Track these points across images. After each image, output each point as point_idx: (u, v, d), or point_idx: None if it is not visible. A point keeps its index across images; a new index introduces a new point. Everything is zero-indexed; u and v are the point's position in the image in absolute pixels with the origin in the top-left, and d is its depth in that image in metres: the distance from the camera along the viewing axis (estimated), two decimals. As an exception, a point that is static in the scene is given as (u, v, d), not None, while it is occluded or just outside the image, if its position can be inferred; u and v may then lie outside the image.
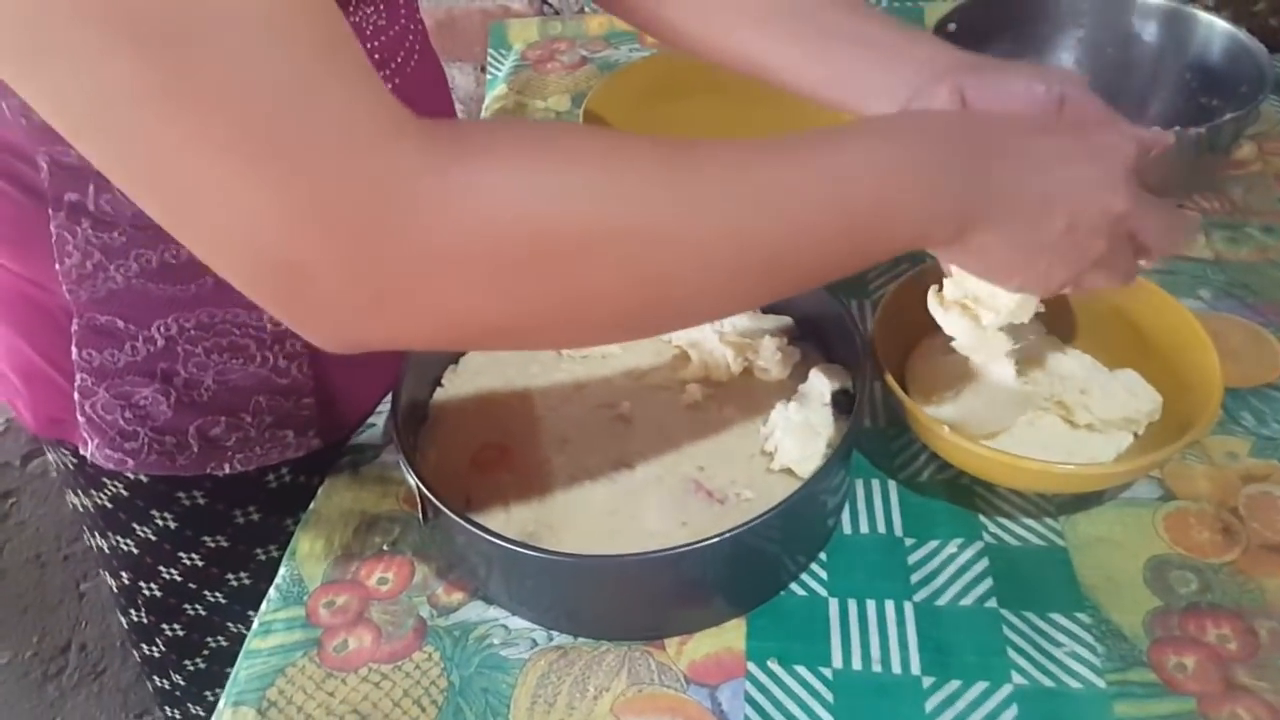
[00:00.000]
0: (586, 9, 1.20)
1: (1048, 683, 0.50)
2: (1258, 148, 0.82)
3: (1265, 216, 0.76)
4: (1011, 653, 0.51)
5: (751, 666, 0.52)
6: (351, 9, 0.55)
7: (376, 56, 0.57)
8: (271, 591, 0.59)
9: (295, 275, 0.35)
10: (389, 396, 0.67)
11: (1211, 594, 0.53)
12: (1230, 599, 0.53)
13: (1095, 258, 0.48)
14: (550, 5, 1.26)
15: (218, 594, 0.71)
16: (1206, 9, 0.76)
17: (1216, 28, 0.74)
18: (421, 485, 0.53)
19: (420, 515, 0.56)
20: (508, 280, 0.38)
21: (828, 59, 0.58)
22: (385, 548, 0.60)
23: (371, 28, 0.57)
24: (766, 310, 0.66)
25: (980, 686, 0.50)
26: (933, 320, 0.64)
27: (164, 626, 0.73)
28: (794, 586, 0.55)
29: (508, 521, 0.56)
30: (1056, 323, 0.62)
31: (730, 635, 0.54)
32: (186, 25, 0.32)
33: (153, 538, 0.67)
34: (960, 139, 0.46)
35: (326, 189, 0.34)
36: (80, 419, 0.62)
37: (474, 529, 0.51)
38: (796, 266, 0.45)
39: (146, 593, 0.71)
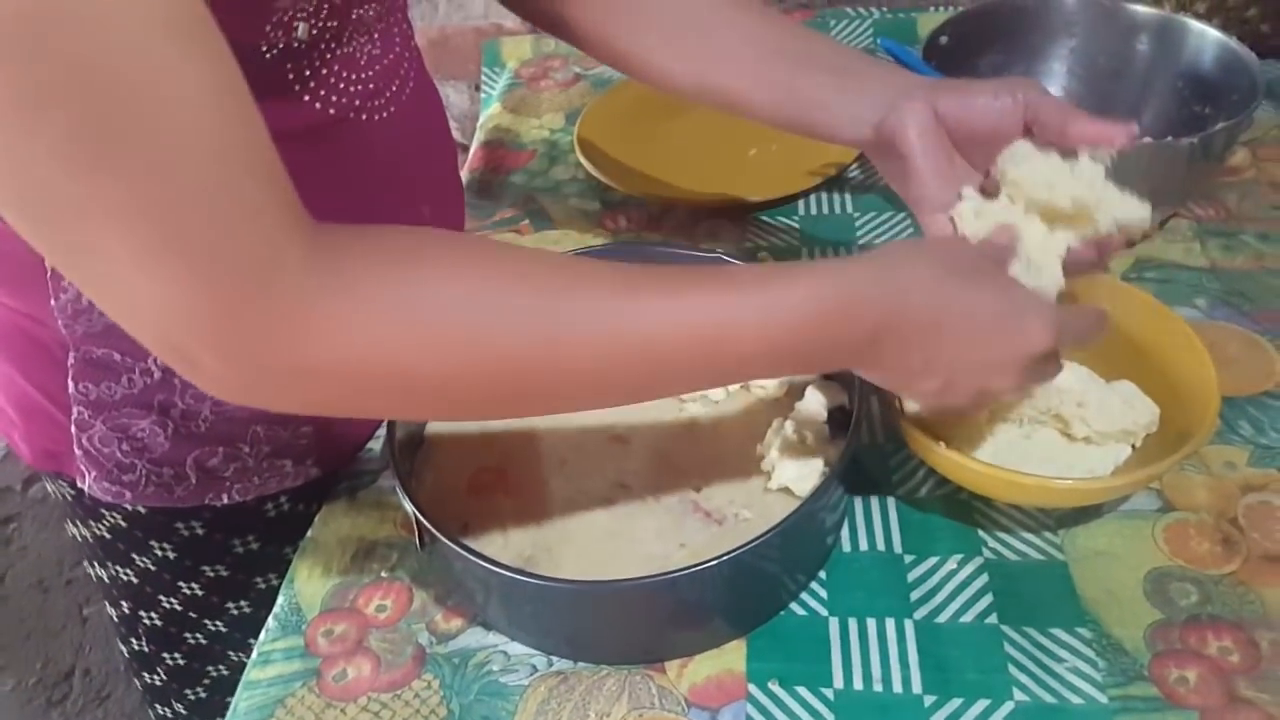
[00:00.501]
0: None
1: (1049, 699, 0.50)
2: (1251, 154, 0.82)
3: (1260, 224, 0.76)
4: (1013, 669, 0.51)
5: (752, 688, 0.52)
6: (345, 39, 0.55)
7: (371, 85, 0.57)
8: (270, 621, 0.59)
9: (185, 360, 0.39)
10: (385, 422, 0.68)
11: (1212, 606, 0.53)
12: (1231, 610, 0.53)
13: (960, 403, 0.50)
14: (542, 23, 1.26)
15: (218, 623, 0.71)
16: (1197, 17, 0.76)
17: (1208, 36, 0.74)
18: (417, 511, 0.53)
19: (417, 542, 0.56)
20: (373, 397, 0.44)
21: (794, 89, 0.59)
22: (383, 574, 0.60)
23: (366, 57, 0.57)
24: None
25: (982, 704, 0.50)
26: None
27: (165, 655, 0.73)
28: (794, 606, 0.55)
29: (505, 545, 0.56)
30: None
31: (731, 657, 0.53)
32: (117, 108, 0.33)
33: (152, 568, 0.67)
34: (864, 323, 0.46)
35: (220, 298, 0.37)
36: (78, 452, 0.62)
37: (470, 556, 0.51)
38: (657, 391, 0.49)
39: (147, 622, 0.71)
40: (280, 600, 0.59)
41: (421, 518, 0.52)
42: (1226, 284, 0.71)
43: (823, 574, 0.57)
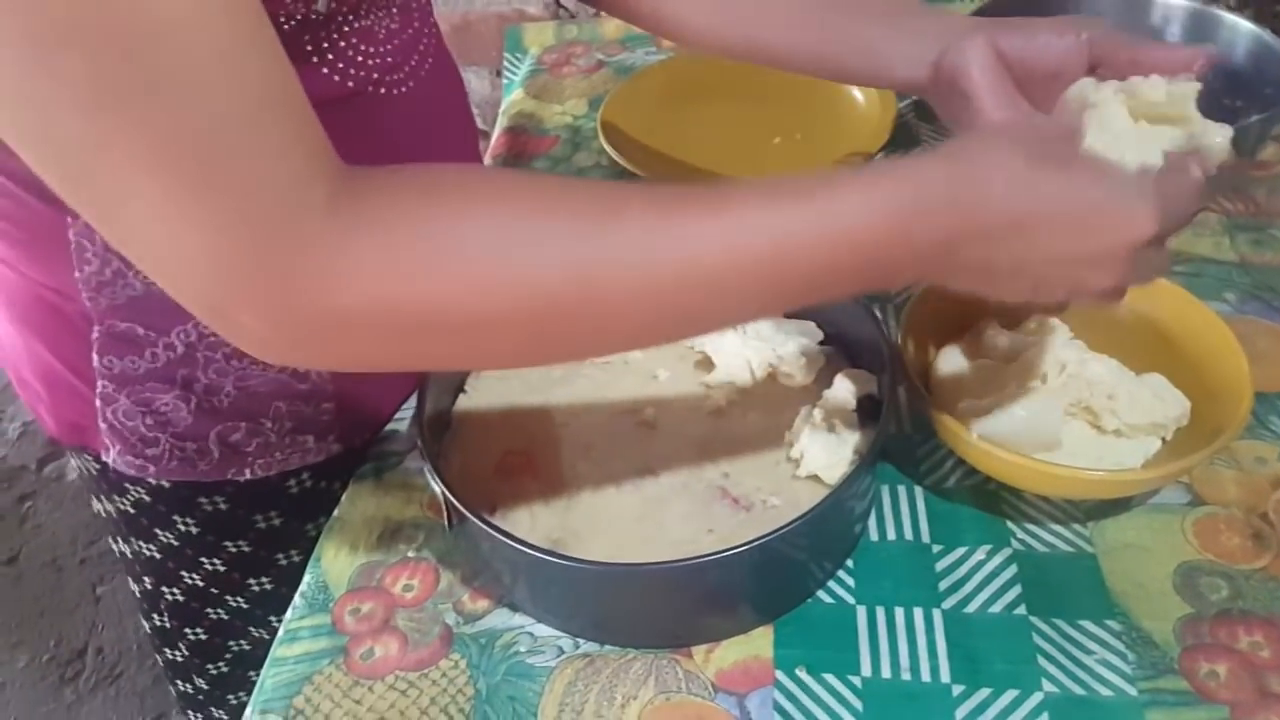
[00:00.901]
0: (602, 12, 1.19)
1: (1079, 691, 0.50)
2: (1281, 149, 0.81)
3: (1290, 218, 0.75)
4: (1042, 660, 0.51)
5: (780, 674, 0.52)
6: (363, 12, 0.55)
7: (390, 60, 0.57)
8: (296, 599, 0.59)
9: (223, 318, 0.39)
10: (409, 402, 0.68)
11: (1243, 600, 0.53)
12: (1262, 605, 0.52)
13: (1057, 299, 0.47)
14: (566, 9, 1.26)
15: (240, 599, 0.71)
16: (1229, 9, 0.76)
17: (1241, 29, 0.73)
18: (447, 491, 0.53)
19: (446, 522, 0.56)
20: (410, 342, 0.41)
21: (847, 34, 0.57)
22: (410, 554, 0.60)
23: (384, 31, 0.57)
24: (791, 315, 0.66)
25: (1011, 695, 0.50)
26: (958, 324, 0.63)
27: (186, 631, 0.73)
28: (821, 594, 0.55)
29: (533, 529, 0.56)
30: (1083, 328, 0.62)
31: (758, 643, 0.53)
32: (141, 46, 0.33)
33: (175, 543, 0.68)
34: (937, 227, 0.41)
35: (248, 242, 0.36)
36: (102, 425, 0.62)
37: (500, 536, 0.51)
38: (717, 323, 0.46)
39: (169, 597, 0.71)
40: (307, 578, 0.59)
41: (451, 497, 0.52)
42: (1256, 279, 0.70)
43: (850, 562, 0.57)
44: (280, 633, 0.57)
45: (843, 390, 0.59)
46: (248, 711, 0.54)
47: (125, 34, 0.33)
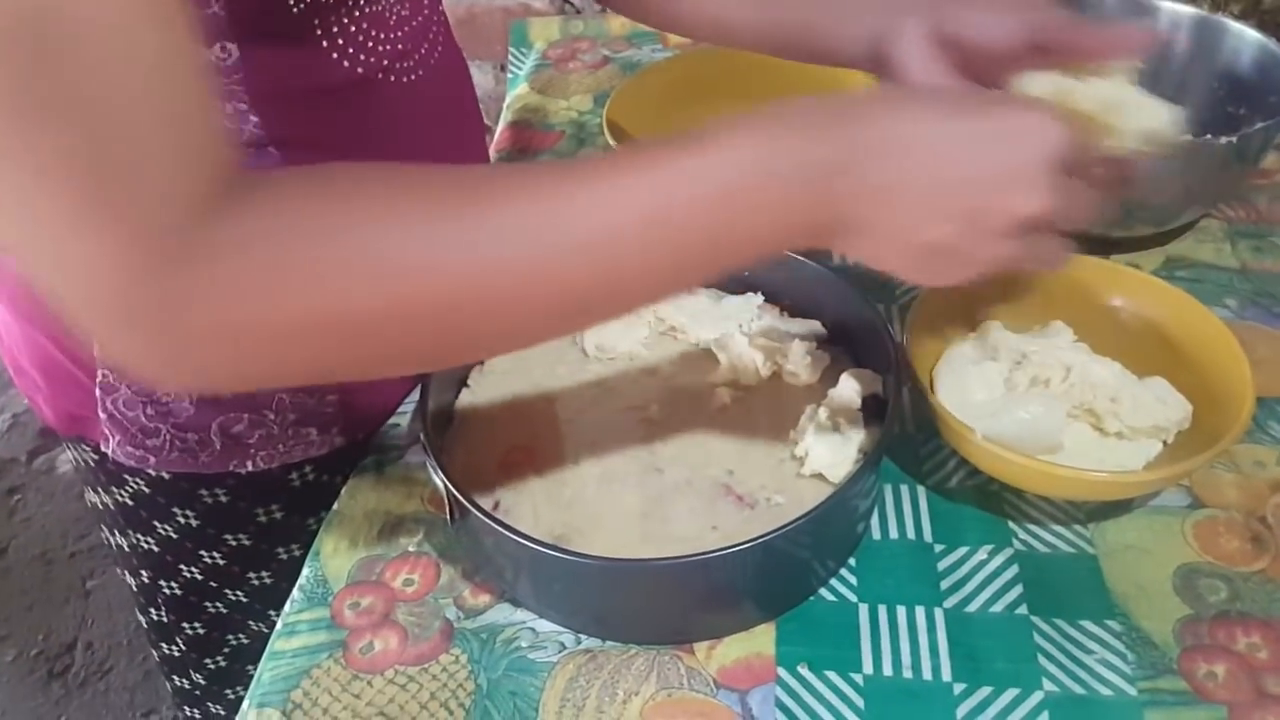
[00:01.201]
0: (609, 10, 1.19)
1: (1079, 690, 0.50)
2: (1281, 157, 0.82)
3: (1290, 226, 0.76)
4: (1042, 659, 0.51)
5: (782, 672, 0.52)
6: None
7: (400, 47, 0.57)
8: (295, 592, 0.58)
9: (103, 333, 0.38)
10: (411, 397, 0.67)
11: (1241, 602, 0.53)
12: (1260, 608, 0.53)
13: (1000, 258, 0.42)
14: (572, 4, 1.26)
15: (239, 592, 0.70)
16: (1233, 17, 0.76)
17: (1246, 37, 0.74)
18: (449, 485, 0.53)
19: (448, 516, 0.56)
20: (297, 355, 0.39)
21: (788, 11, 0.58)
22: (410, 548, 0.60)
23: (395, 18, 0.57)
24: (796, 313, 0.66)
25: (1011, 693, 0.50)
26: (963, 324, 0.64)
27: (184, 625, 0.73)
28: (823, 592, 0.55)
29: (536, 524, 0.55)
30: (1086, 330, 0.62)
31: (760, 640, 0.53)
32: (42, 40, 0.32)
33: (174, 535, 0.67)
34: (824, 138, 0.39)
35: (126, 257, 0.35)
36: (101, 415, 0.62)
37: (503, 530, 0.50)
38: (620, 303, 0.43)
39: (167, 591, 0.71)
40: (306, 572, 0.59)
41: (454, 491, 0.52)
42: (1257, 285, 0.71)
43: (853, 561, 0.57)
44: (278, 626, 0.57)
45: (848, 389, 0.59)
46: (245, 705, 0.54)
47: (8, 41, 0.32)
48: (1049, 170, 0.40)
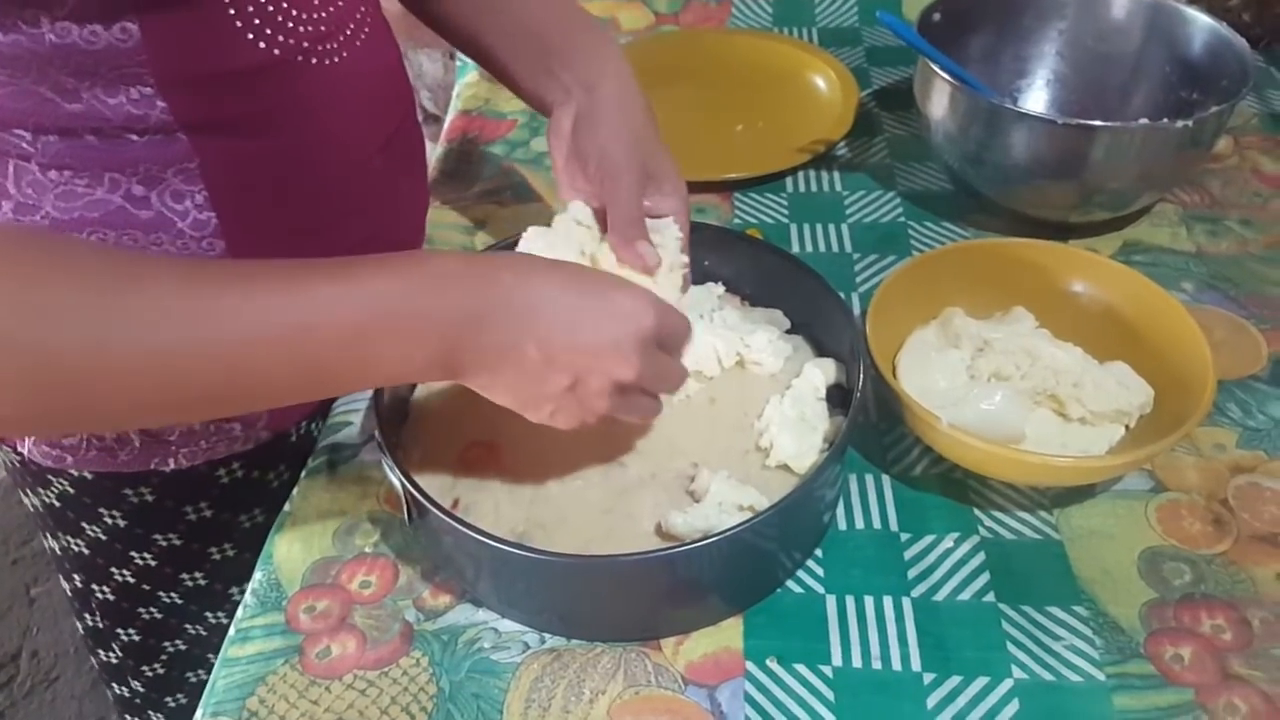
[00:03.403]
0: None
1: (1048, 676, 0.50)
2: (1234, 142, 0.83)
3: (1243, 210, 0.76)
4: (1011, 647, 0.51)
5: (750, 665, 0.51)
6: None
7: (323, 28, 0.55)
8: (248, 597, 0.56)
9: None
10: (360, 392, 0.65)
11: (1205, 585, 0.53)
12: (1223, 589, 0.53)
13: (601, 412, 0.48)
14: (521, -8, 1.23)
15: (173, 594, 0.68)
16: (1186, 3, 0.77)
17: (1199, 23, 0.74)
18: (407, 484, 0.51)
19: (405, 515, 0.54)
20: None
21: (512, 65, 0.63)
22: (367, 550, 0.58)
23: None
24: (757, 302, 0.65)
25: (981, 682, 0.50)
26: (925, 312, 0.63)
27: (119, 631, 0.70)
28: (790, 584, 0.55)
29: (497, 521, 0.54)
30: (1047, 315, 0.62)
31: (728, 634, 0.52)
32: None
33: (103, 537, 0.65)
34: (459, 290, 0.44)
35: None
36: None
37: (463, 529, 0.49)
38: (252, 403, 0.47)
39: (99, 596, 0.68)
40: (258, 576, 0.57)
41: (411, 489, 0.51)
42: (1212, 269, 0.71)
43: (819, 552, 0.56)
44: (231, 632, 0.55)
45: (811, 379, 0.59)
46: (198, 714, 0.52)
47: None
48: (640, 345, 0.46)
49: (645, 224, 0.56)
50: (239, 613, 0.56)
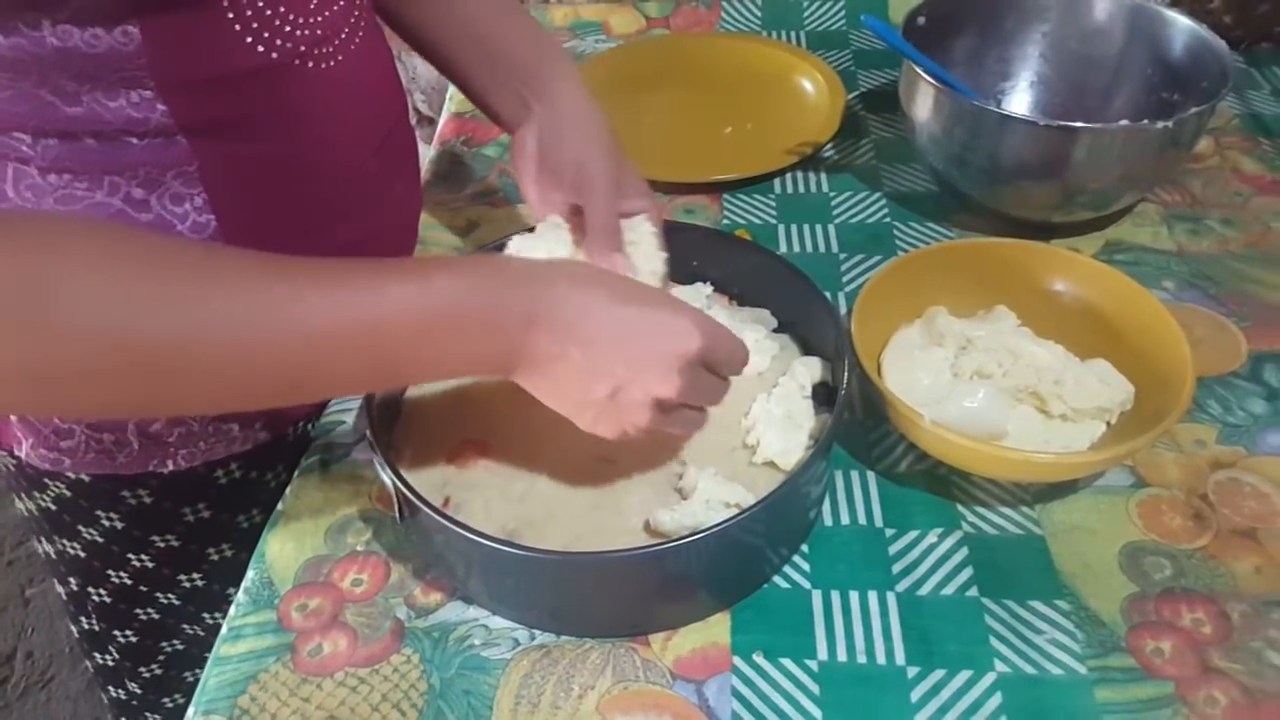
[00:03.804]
0: (551, 0, 1.18)
1: (1030, 670, 0.50)
2: (1215, 142, 0.84)
3: (1224, 209, 0.77)
4: (994, 641, 0.52)
5: (737, 660, 0.52)
6: None
7: (319, 32, 0.55)
8: (240, 595, 0.57)
9: None
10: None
11: (1185, 579, 0.54)
12: (1203, 583, 0.54)
13: (641, 425, 0.49)
14: (512, -5, 1.24)
15: (170, 595, 0.69)
16: (1167, 5, 0.77)
17: (1179, 25, 0.75)
18: (398, 482, 0.52)
19: (397, 514, 0.55)
20: (10, 394, 0.41)
21: (455, 56, 0.65)
22: (359, 548, 0.58)
23: (315, 2, 0.55)
24: (745, 302, 0.66)
25: (964, 675, 0.50)
26: (910, 311, 0.64)
27: (116, 633, 0.70)
28: (777, 579, 0.55)
29: (487, 519, 0.55)
30: (1029, 314, 0.63)
31: (715, 629, 0.53)
32: None
33: (99, 539, 0.65)
34: (517, 292, 0.46)
35: None
36: (13, 418, 0.60)
37: (453, 527, 0.50)
38: (324, 392, 0.49)
39: (96, 598, 0.69)
40: (250, 574, 0.58)
41: (402, 487, 0.51)
42: (1193, 267, 0.72)
43: (805, 547, 0.57)
44: (223, 630, 0.55)
45: (798, 377, 0.59)
46: (190, 712, 0.52)
47: None
48: (684, 365, 0.48)
49: (620, 234, 0.58)
50: (231, 611, 0.56)
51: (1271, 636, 0.51)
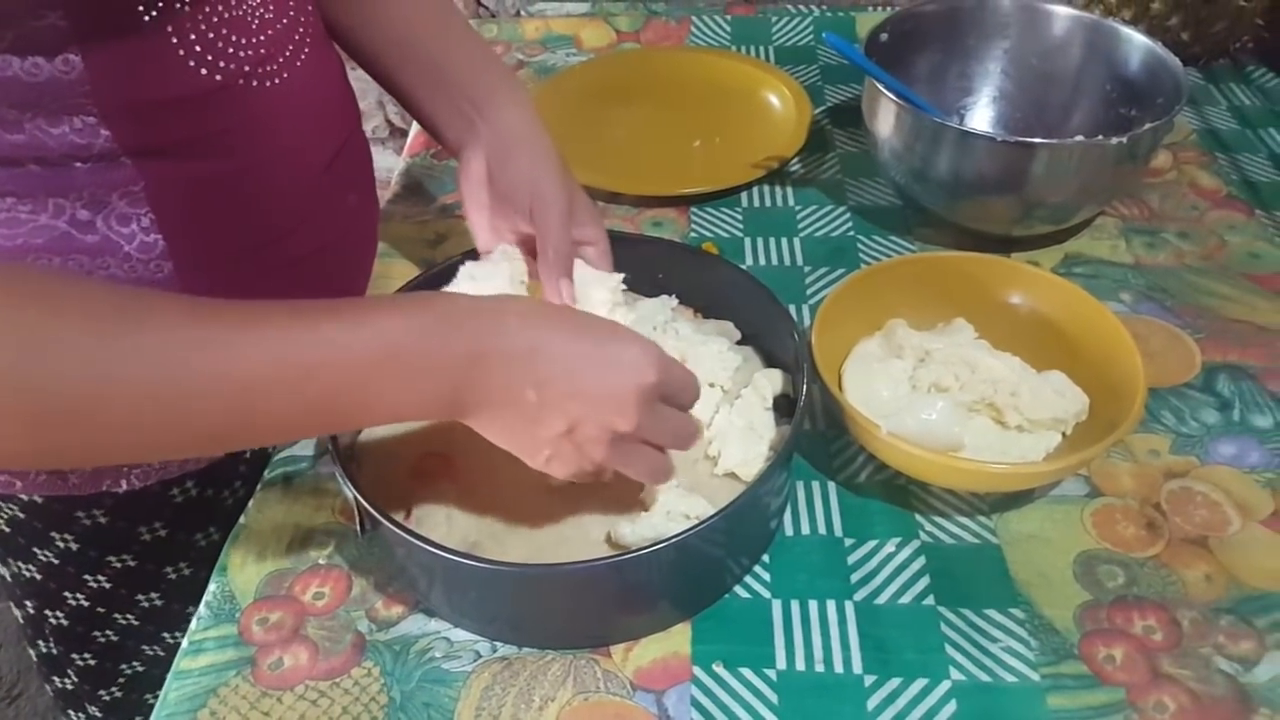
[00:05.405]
0: (523, 12, 1.19)
1: (984, 678, 0.51)
2: (1172, 157, 0.85)
3: (1180, 223, 0.79)
4: (949, 649, 0.52)
5: (697, 670, 0.52)
6: (235, 2, 0.53)
7: (263, 51, 0.55)
8: (201, 609, 0.57)
9: None
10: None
11: (1137, 587, 0.55)
12: (1155, 591, 0.55)
13: (599, 461, 0.48)
14: (486, 7, 1.25)
15: (129, 616, 0.68)
16: (1124, 23, 0.79)
17: (1135, 42, 0.76)
18: (359, 496, 0.52)
19: (358, 527, 0.55)
20: None
21: (414, 97, 0.65)
22: (321, 561, 0.58)
23: (257, 21, 0.55)
24: (709, 314, 0.67)
25: (920, 683, 0.51)
26: (869, 323, 0.65)
27: (74, 656, 0.70)
28: (738, 589, 0.56)
29: (450, 532, 0.55)
30: (987, 327, 0.64)
31: (676, 640, 0.54)
32: None
33: (55, 561, 0.64)
34: (463, 332, 0.45)
35: None
36: None
37: (415, 540, 0.50)
38: (252, 439, 0.47)
39: (53, 621, 0.68)
40: (212, 588, 0.58)
41: (363, 501, 0.51)
42: (1150, 280, 0.74)
43: (766, 557, 0.57)
44: (184, 644, 0.55)
45: (759, 389, 0.60)
46: (150, 727, 0.52)
47: None
48: (640, 397, 0.46)
49: (573, 259, 0.58)
50: (192, 625, 0.56)
51: (1220, 643, 0.52)
